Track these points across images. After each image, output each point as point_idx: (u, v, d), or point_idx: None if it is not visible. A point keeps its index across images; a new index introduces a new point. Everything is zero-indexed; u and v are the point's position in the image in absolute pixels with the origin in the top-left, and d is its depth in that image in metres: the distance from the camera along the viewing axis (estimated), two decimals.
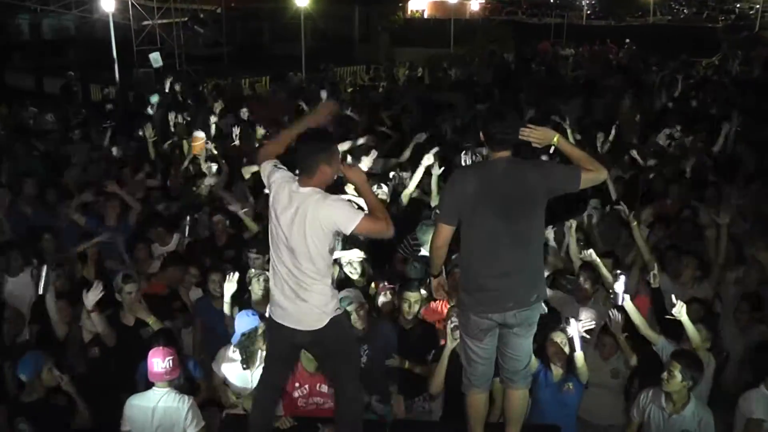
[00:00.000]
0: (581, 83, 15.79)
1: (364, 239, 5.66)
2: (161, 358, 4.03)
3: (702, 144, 9.00)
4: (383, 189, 6.37)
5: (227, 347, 4.48)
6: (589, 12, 38.56)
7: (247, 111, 11.21)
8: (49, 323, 5.13)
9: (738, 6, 41.08)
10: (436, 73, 17.29)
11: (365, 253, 5.41)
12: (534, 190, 3.47)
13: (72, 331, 5.13)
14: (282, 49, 24.50)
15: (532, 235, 3.56)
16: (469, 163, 6.76)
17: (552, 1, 40.58)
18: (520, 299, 3.54)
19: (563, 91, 13.75)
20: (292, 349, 3.73)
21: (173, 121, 9.76)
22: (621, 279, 4.51)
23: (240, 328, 4.36)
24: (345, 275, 5.28)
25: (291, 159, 3.59)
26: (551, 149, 4.74)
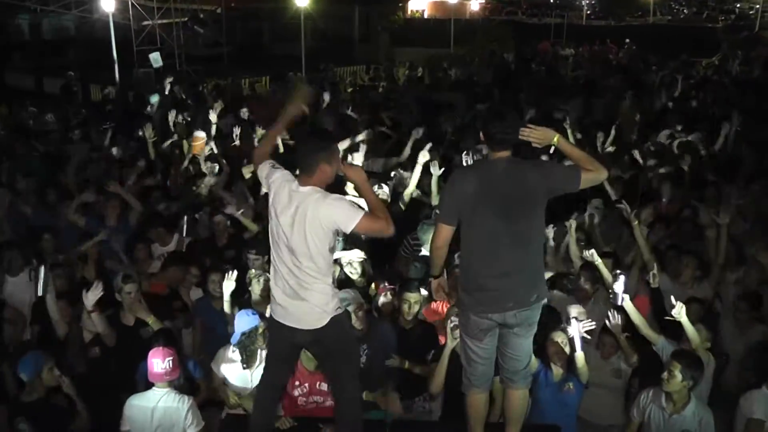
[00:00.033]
0: (581, 83, 15.80)
1: (364, 239, 5.67)
2: (161, 358, 4.03)
3: (702, 144, 9.00)
4: (384, 189, 6.37)
5: (226, 347, 4.47)
6: (589, 12, 38.58)
7: (247, 111, 11.21)
8: (50, 323, 5.13)
9: (738, 6, 41.12)
10: (436, 73, 17.28)
11: (366, 254, 5.41)
12: (534, 190, 3.47)
13: (72, 331, 5.13)
14: (282, 49, 24.52)
15: (532, 235, 3.56)
16: (470, 163, 6.76)
17: (552, 1, 40.58)
18: (520, 299, 3.54)
19: (563, 91, 13.75)
20: (292, 349, 3.73)
21: (173, 120, 9.75)
22: (620, 279, 4.51)
23: (240, 327, 4.35)
24: (345, 275, 5.28)
25: (291, 159, 3.59)
26: (551, 149, 4.75)
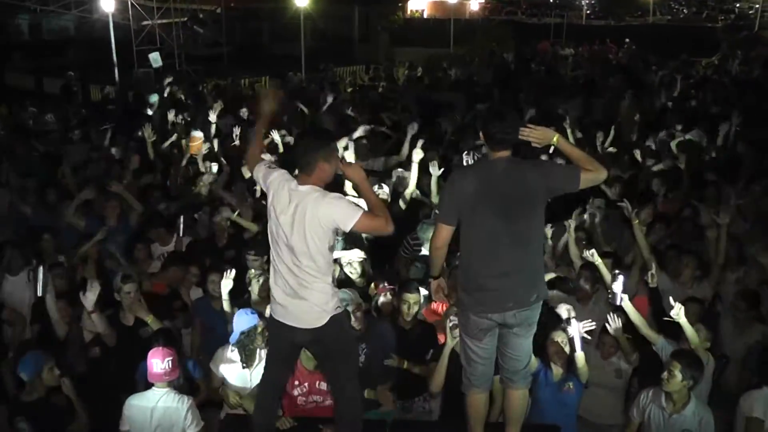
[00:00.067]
0: (581, 83, 15.80)
1: (365, 239, 5.67)
2: (160, 358, 4.03)
3: (702, 141, 9.01)
4: (384, 189, 6.37)
5: (225, 347, 4.47)
6: (589, 12, 38.51)
7: (247, 111, 11.21)
8: (50, 323, 5.12)
9: (737, 6, 41.09)
10: (435, 73, 17.28)
11: (366, 253, 5.41)
12: (533, 189, 3.47)
13: (72, 331, 5.13)
14: (281, 49, 24.52)
15: (531, 235, 3.56)
16: (470, 163, 6.76)
17: (551, 1, 40.54)
18: (519, 299, 3.54)
19: (563, 91, 13.74)
20: (292, 348, 3.73)
21: (172, 120, 9.75)
22: (619, 279, 4.51)
23: (239, 326, 4.35)
24: (345, 275, 5.28)
25: (291, 158, 3.59)
26: (551, 149, 4.74)
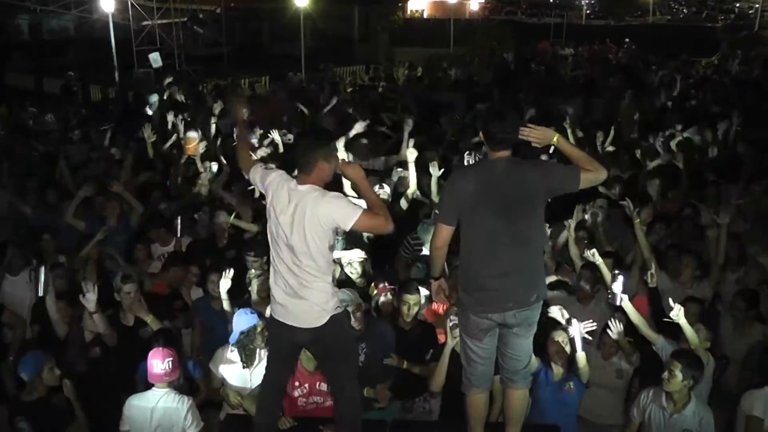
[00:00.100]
0: (581, 83, 15.79)
1: (366, 239, 5.67)
2: (161, 359, 4.03)
3: (700, 138, 9.02)
4: (385, 189, 6.37)
5: (225, 348, 4.47)
6: (589, 12, 38.47)
7: (247, 111, 11.17)
8: (50, 323, 5.12)
9: (737, 5, 41.06)
10: (435, 73, 17.27)
11: (366, 253, 5.41)
12: (533, 189, 3.47)
13: (72, 331, 5.13)
14: (281, 49, 24.51)
15: (531, 235, 3.56)
16: (471, 163, 6.75)
17: (551, 1, 40.53)
18: (519, 299, 3.54)
19: (563, 91, 13.74)
20: (292, 348, 3.73)
21: (171, 121, 9.74)
22: (619, 279, 4.51)
23: (238, 326, 4.35)
24: (346, 276, 5.28)
25: (291, 158, 3.59)
26: (551, 149, 4.74)
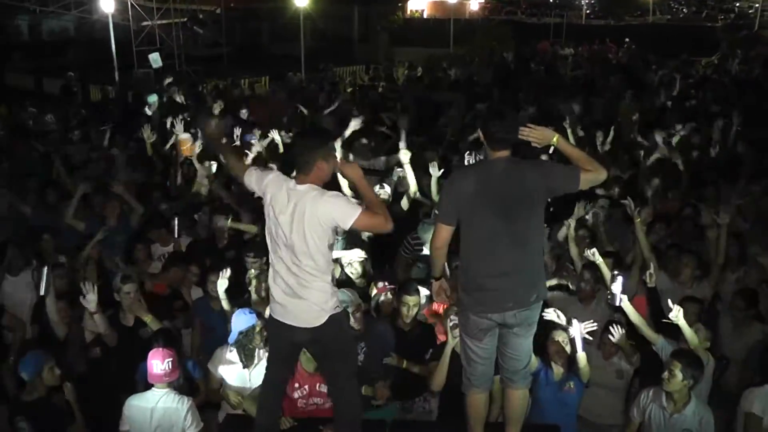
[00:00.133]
0: (581, 83, 15.79)
1: (366, 238, 5.67)
2: (160, 359, 4.03)
3: (696, 135, 9.04)
4: (386, 189, 6.37)
5: (224, 348, 4.47)
6: (589, 11, 38.45)
7: (246, 112, 11.20)
8: (50, 323, 5.12)
9: (737, 5, 41.06)
10: (435, 73, 17.27)
11: (366, 253, 5.41)
12: (533, 189, 3.47)
13: (72, 332, 5.13)
14: (281, 49, 24.50)
15: (531, 235, 3.55)
16: (472, 163, 6.75)
17: (551, 1, 40.52)
18: (519, 299, 3.54)
19: (563, 91, 13.74)
20: (292, 348, 3.73)
21: (170, 122, 9.74)
22: (618, 280, 4.50)
23: (237, 326, 4.35)
24: (346, 276, 5.28)
25: (289, 158, 3.59)
26: (550, 149, 4.74)
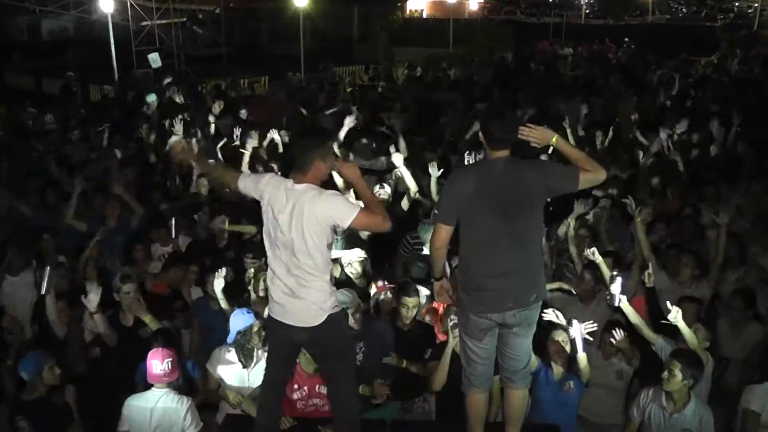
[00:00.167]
0: (580, 83, 15.79)
1: (365, 239, 5.67)
2: (160, 359, 4.03)
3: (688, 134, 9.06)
4: (386, 189, 6.37)
5: (222, 348, 4.47)
6: (588, 11, 38.38)
7: (246, 112, 11.21)
8: (50, 323, 5.12)
9: (737, 5, 41.02)
10: (435, 73, 17.27)
11: (366, 253, 5.41)
12: (532, 189, 3.47)
13: (72, 332, 5.13)
14: (281, 49, 24.49)
15: (530, 235, 3.56)
16: (471, 163, 6.75)
17: (551, 1, 40.51)
18: (519, 299, 3.54)
19: (562, 91, 13.75)
20: (291, 347, 3.73)
21: (168, 122, 9.75)
22: (617, 281, 4.50)
23: (235, 326, 4.36)
24: (346, 276, 5.28)
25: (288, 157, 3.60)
26: (550, 149, 4.74)
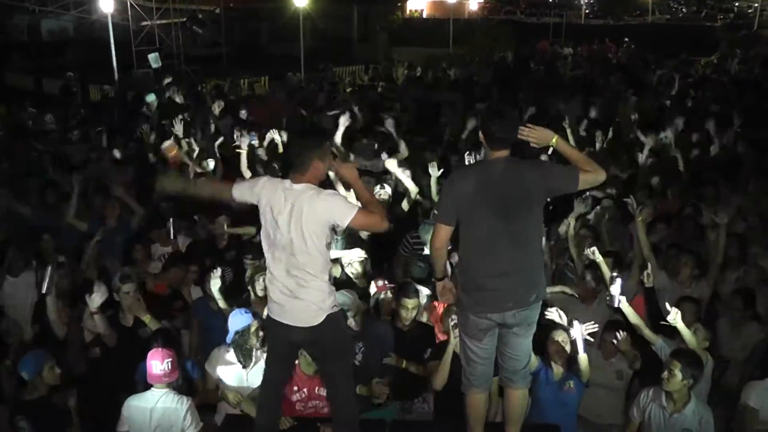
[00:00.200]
0: (580, 83, 15.80)
1: (365, 238, 5.67)
2: (160, 360, 4.03)
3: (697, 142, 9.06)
4: (386, 189, 6.36)
5: (221, 348, 4.47)
6: (588, 11, 38.36)
7: (246, 112, 11.21)
8: (50, 323, 5.12)
9: (736, 5, 41.01)
10: (435, 73, 17.28)
11: (366, 253, 5.41)
12: (532, 189, 3.47)
13: (72, 332, 5.13)
14: (281, 49, 24.49)
15: (530, 235, 3.56)
16: (471, 163, 6.75)
17: (551, 1, 40.51)
18: (519, 299, 3.54)
19: (562, 91, 13.75)
20: (290, 347, 3.73)
21: (168, 124, 9.75)
22: (617, 281, 4.51)
23: (233, 326, 4.36)
24: (346, 276, 5.28)
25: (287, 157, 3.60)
26: (549, 150, 4.74)
